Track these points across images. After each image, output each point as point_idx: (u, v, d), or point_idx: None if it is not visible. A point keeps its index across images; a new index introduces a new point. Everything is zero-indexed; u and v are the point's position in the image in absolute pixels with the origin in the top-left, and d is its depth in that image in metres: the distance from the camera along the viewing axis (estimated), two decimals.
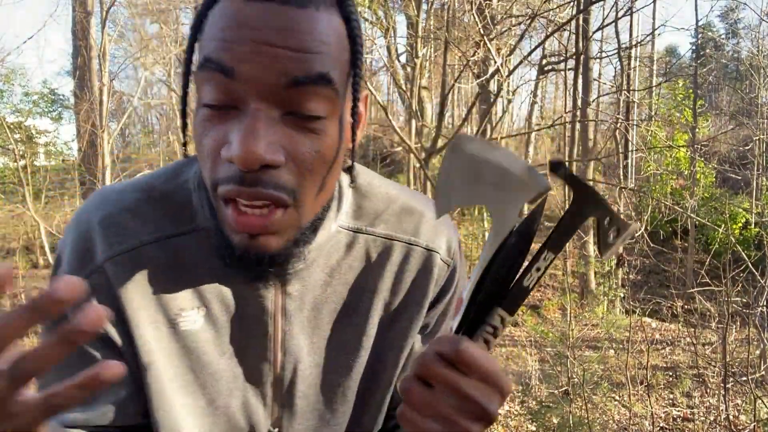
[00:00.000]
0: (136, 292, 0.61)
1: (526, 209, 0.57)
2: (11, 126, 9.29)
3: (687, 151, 9.71)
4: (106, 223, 0.61)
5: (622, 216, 0.53)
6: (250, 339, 0.65)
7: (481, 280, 0.52)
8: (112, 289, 0.60)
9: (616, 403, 4.53)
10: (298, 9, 0.50)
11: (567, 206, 0.52)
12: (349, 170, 0.68)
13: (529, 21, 4.12)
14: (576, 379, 4.36)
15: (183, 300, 0.62)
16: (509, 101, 5.22)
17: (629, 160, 12.44)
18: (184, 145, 0.63)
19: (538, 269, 0.52)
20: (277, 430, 0.68)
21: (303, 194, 0.54)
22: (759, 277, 3.94)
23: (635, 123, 9.63)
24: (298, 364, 0.66)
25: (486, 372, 0.49)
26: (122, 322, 0.61)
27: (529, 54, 4.29)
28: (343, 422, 0.70)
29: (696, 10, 10.56)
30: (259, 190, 0.51)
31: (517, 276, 0.52)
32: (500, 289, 0.52)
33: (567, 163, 0.49)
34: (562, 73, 14.09)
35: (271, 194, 0.52)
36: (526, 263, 0.53)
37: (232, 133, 0.51)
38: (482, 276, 0.52)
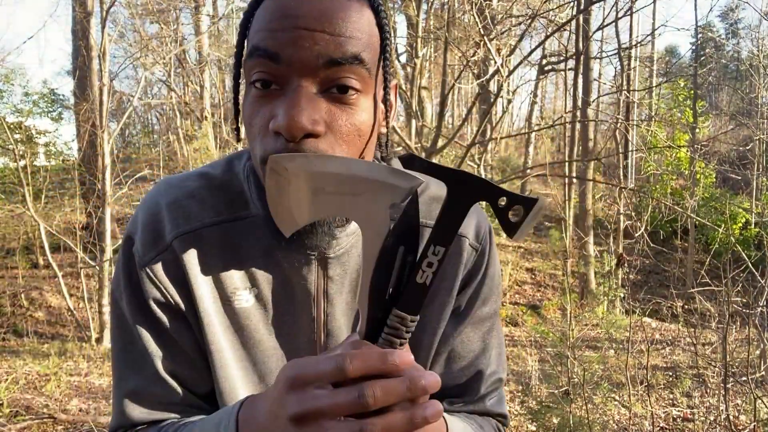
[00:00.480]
0: (199, 269, 0.67)
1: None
2: (11, 126, 9.29)
3: (687, 151, 9.71)
4: (173, 206, 0.68)
5: (518, 193, 0.50)
6: (296, 320, 0.70)
7: (370, 287, 0.51)
8: (180, 265, 0.67)
9: (616, 403, 4.53)
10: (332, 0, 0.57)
11: (445, 199, 0.51)
12: (385, 159, 0.72)
13: (529, 21, 4.12)
14: (576, 379, 4.35)
15: (237, 280, 0.68)
16: (509, 101, 5.22)
17: (629, 160, 12.44)
18: (237, 129, 0.68)
19: (429, 264, 0.51)
20: None
21: None
22: (759, 277, 3.93)
23: (635, 123, 9.63)
24: (339, 333, 0.71)
25: (375, 370, 0.46)
26: (188, 296, 0.67)
27: (529, 54, 4.29)
28: None
29: (696, 10, 10.53)
30: None
31: (410, 274, 0.51)
32: (396, 289, 0.52)
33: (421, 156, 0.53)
34: (562, 73, 14.09)
35: None
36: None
37: (278, 108, 0.57)
38: (371, 283, 0.51)
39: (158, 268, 0.67)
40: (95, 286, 7.24)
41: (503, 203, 0.49)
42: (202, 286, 0.67)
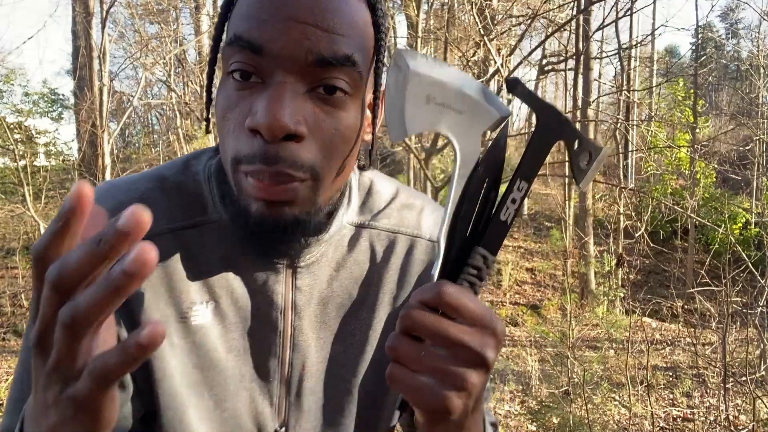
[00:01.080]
0: (148, 285, 0.59)
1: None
2: (11, 126, 9.30)
3: (687, 151, 9.71)
4: (117, 211, 0.56)
5: (590, 139, 0.50)
6: (259, 335, 0.64)
7: (454, 219, 0.48)
8: None
9: (616, 403, 4.53)
10: None
11: (533, 130, 0.50)
12: (362, 168, 0.69)
13: (529, 21, 4.12)
14: (576, 379, 4.36)
15: (193, 293, 0.61)
16: (509, 101, 5.22)
17: (629, 160, 12.45)
18: (207, 120, 0.63)
19: (513, 201, 0.49)
20: (284, 429, 0.66)
21: (322, 171, 0.55)
22: (759, 277, 3.93)
23: (635, 123, 9.63)
24: (306, 360, 0.65)
25: (474, 314, 0.46)
26: (131, 316, 0.58)
27: (530, 54, 4.29)
28: (350, 422, 0.68)
29: (696, 9, 10.54)
30: (280, 168, 0.51)
31: (493, 210, 0.49)
32: (476, 226, 0.49)
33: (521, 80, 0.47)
34: (562, 73, 14.09)
35: (291, 173, 0.52)
36: (499, 196, 0.50)
37: (257, 103, 0.51)
38: (455, 215, 0.48)
39: None
40: None
41: (576, 146, 0.49)
42: (150, 305, 0.59)
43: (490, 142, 0.50)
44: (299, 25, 0.50)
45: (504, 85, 3.79)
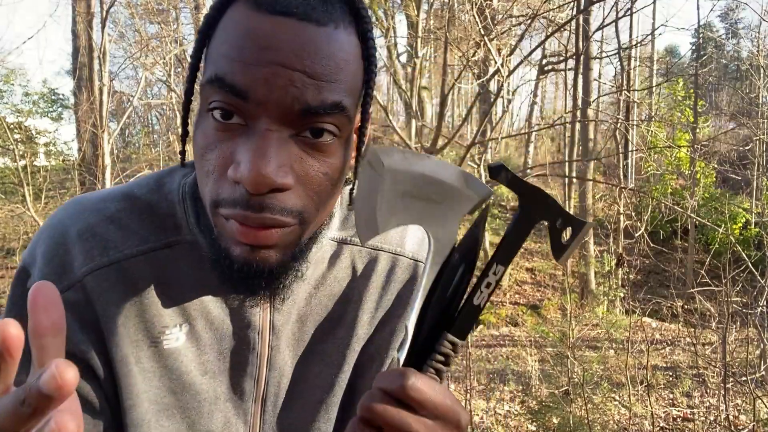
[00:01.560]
0: (118, 309, 0.57)
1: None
2: (11, 126, 9.30)
3: (687, 151, 9.71)
4: (86, 234, 0.57)
5: (573, 215, 0.50)
6: (235, 355, 0.62)
7: (424, 306, 0.48)
8: (91, 306, 0.56)
9: (616, 403, 4.53)
10: (317, 27, 0.48)
11: (515, 214, 0.50)
12: (351, 186, 0.67)
13: (529, 21, 4.12)
14: (576, 379, 4.36)
15: (167, 317, 0.59)
16: (509, 101, 5.22)
17: (629, 160, 12.45)
18: (183, 153, 0.60)
19: (488, 285, 0.48)
20: None
21: (308, 215, 0.53)
22: (759, 277, 3.93)
23: (635, 123, 9.63)
24: (282, 379, 0.64)
25: (438, 408, 0.45)
26: (100, 341, 0.57)
27: (530, 54, 4.29)
28: None
29: (698, 9, 10.53)
30: (266, 215, 0.49)
31: (465, 296, 0.49)
32: (447, 312, 0.48)
33: (505, 167, 0.48)
34: (562, 73, 14.09)
35: (278, 219, 0.50)
36: (474, 280, 0.49)
37: (240, 152, 0.49)
38: (426, 302, 0.48)
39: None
40: None
41: (559, 223, 0.49)
42: (120, 330, 0.57)
43: (469, 228, 0.49)
44: (286, 71, 0.47)
45: (504, 86, 3.79)
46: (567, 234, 0.50)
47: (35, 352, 0.33)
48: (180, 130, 0.60)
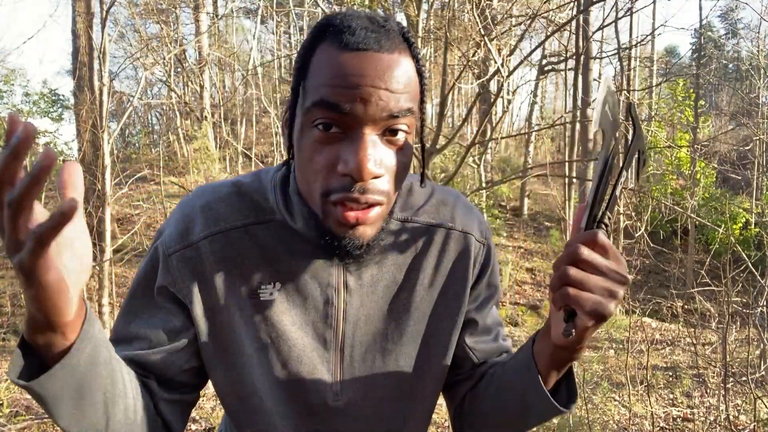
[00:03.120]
0: (224, 267, 0.75)
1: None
2: None
3: (687, 151, 9.71)
4: (205, 208, 0.77)
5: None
6: (317, 311, 0.77)
7: (595, 191, 0.65)
8: (202, 263, 0.74)
9: (616, 403, 4.53)
10: (388, 55, 0.65)
11: (628, 141, 0.68)
12: (422, 172, 0.83)
13: (529, 21, 4.11)
14: (576, 379, 4.35)
15: (263, 276, 0.76)
16: (509, 101, 5.22)
17: None
18: (290, 147, 0.75)
19: (620, 184, 0.67)
20: (340, 393, 0.79)
21: (391, 195, 0.71)
22: (759, 277, 3.93)
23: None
24: (356, 330, 0.79)
25: (615, 253, 0.64)
26: (206, 291, 0.75)
27: (530, 54, 4.28)
28: (399, 389, 0.82)
29: (700, 9, 10.51)
30: (368, 197, 0.66)
31: (612, 190, 0.67)
32: (605, 196, 0.66)
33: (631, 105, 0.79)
34: (562, 73, 14.09)
35: (375, 199, 0.67)
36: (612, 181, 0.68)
37: (347, 153, 0.65)
38: (596, 189, 0.65)
39: (177, 258, 0.74)
40: (95, 286, 7.24)
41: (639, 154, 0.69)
42: (225, 284, 0.75)
43: (611, 150, 0.67)
44: (375, 90, 0.64)
45: (504, 86, 3.79)
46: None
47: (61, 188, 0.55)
48: (282, 138, 0.77)
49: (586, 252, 0.63)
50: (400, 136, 0.68)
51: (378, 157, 0.66)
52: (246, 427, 0.80)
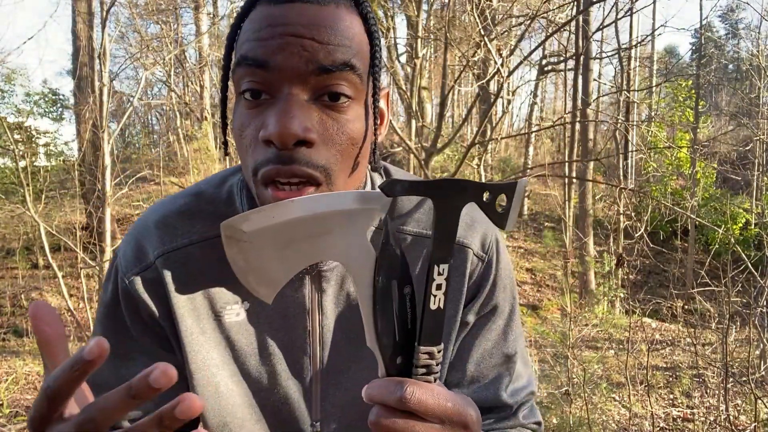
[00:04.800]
0: (184, 287, 0.66)
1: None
2: (11, 126, 9.30)
3: (687, 151, 9.71)
4: (160, 224, 0.69)
5: (496, 181, 0.49)
6: (290, 334, 0.69)
7: (376, 332, 0.48)
8: (162, 284, 0.66)
9: (616, 403, 4.53)
10: (320, 6, 0.56)
11: (433, 211, 0.48)
12: (376, 168, 0.72)
13: (529, 21, 4.12)
14: (576, 379, 4.36)
15: (228, 294, 0.67)
16: (509, 102, 5.22)
17: (629, 161, 12.44)
18: (225, 143, 0.67)
19: (438, 287, 0.48)
20: (319, 423, 0.70)
21: (334, 172, 0.58)
22: (759, 278, 3.93)
23: (635, 123, 9.63)
24: (337, 357, 0.69)
25: (440, 412, 0.47)
26: (169, 315, 0.67)
27: (530, 54, 4.29)
28: None
29: (701, 9, 10.52)
30: (295, 167, 0.56)
31: (422, 304, 0.48)
32: (405, 327, 0.49)
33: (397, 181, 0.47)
34: (562, 73, 14.09)
35: (305, 171, 0.56)
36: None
37: (268, 117, 0.56)
38: (375, 328, 0.48)
39: (138, 283, 0.67)
40: (95, 286, 7.24)
41: (487, 197, 0.48)
42: (187, 305, 0.67)
43: (380, 243, 0.48)
44: (298, 40, 0.55)
45: (504, 86, 3.79)
46: (503, 201, 0.49)
47: (48, 356, 0.41)
48: (220, 124, 0.67)
49: (390, 424, 0.47)
50: (342, 101, 0.57)
51: (306, 119, 0.56)
52: None
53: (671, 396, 4.85)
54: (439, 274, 0.48)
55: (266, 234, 0.46)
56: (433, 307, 0.48)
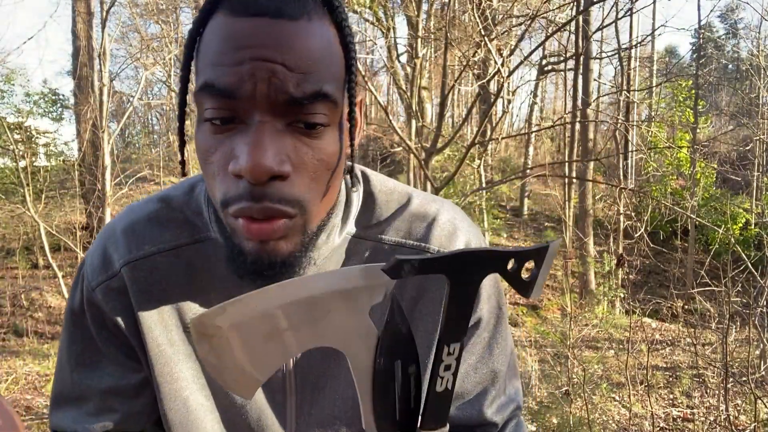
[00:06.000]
0: (151, 297, 0.64)
1: None
2: (11, 126, 9.30)
3: (687, 151, 9.71)
4: (128, 230, 0.66)
5: (523, 248, 0.43)
6: None
7: (376, 418, 0.43)
8: (127, 294, 0.64)
9: (616, 403, 4.53)
10: (290, 22, 0.50)
11: (447, 289, 0.43)
12: (350, 172, 0.67)
13: (529, 21, 4.12)
14: (576, 379, 4.36)
15: (197, 306, 0.65)
16: (509, 102, 5.22)
17: (629, 161, 12.44)
18: (182, 162, 0.62)
19: (447, 367, 0.43)
20: None
21: (308, 202, 0.54)
22: (759, 278, 3.93)
23: (635, 123, 9.63)
24: (311, 370, 0.66)
25: None
26: (135, 326, 0.65)
27: (530, 54, 4.29)
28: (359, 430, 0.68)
29: (699, 9, 10.52)
30: (266, 204, 0.51)
31: (425, 386, 0.44)
32: (407, 412, 0.44)
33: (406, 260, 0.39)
34: (562, 73, 14.09)
35: (279, 209, 0.52)
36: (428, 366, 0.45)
37: (239, 147, 0.51)
38: (375, 414, 0.43)
39: (103, 292, 0.64)
40: None
41: (512, 265, 0.43)
42: (154, 316, 0.64)
43: (385, 319, 0.42)
44: (266, 65, 0.49)
45: (504, 86, 3.79)
46: (530, 265, 0.43)
47: None
48: (177, 139, 0.61)
49: None
50: (318, 129, 0.53)
51: (280, 150, 0.51)
52: None
53: (671, 396, 4.85)
54: (449, 354, 0.43)
55: (245, 328, 0.40)
56: (439, 389, 0.44)
